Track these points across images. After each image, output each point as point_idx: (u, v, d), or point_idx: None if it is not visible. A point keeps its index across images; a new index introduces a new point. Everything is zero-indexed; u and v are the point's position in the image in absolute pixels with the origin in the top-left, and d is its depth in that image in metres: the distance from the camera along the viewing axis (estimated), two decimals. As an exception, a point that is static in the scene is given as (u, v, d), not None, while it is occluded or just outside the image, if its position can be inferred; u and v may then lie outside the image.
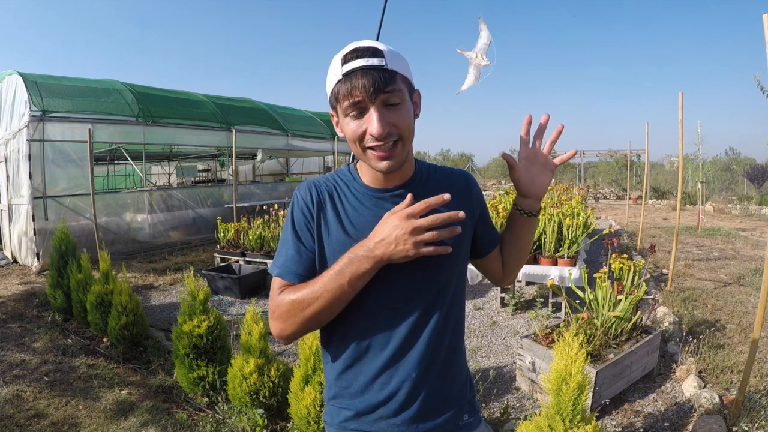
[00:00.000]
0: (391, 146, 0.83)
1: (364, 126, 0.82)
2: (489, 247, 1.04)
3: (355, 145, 0.85)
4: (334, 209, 0.92)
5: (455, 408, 0.96)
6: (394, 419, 0.91)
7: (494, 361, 3.24)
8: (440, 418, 0.93)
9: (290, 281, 0.90)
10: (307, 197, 0.93)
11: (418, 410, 0.91)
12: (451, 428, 0.95)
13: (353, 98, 0.80)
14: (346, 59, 0.81)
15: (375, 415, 0.92)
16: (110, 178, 13.54)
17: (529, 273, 4.08)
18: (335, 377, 0.96)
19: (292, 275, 0.90)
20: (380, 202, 0.92)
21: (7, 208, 7.12)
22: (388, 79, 0.80)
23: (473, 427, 0.98)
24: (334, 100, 0.85)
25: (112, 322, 3.36)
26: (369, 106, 0.81)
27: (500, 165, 33.30)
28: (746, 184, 19.07)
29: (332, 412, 0.97)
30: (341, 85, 0.81)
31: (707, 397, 2.48)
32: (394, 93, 0.81)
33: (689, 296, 4.51)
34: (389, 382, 0.90)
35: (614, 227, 9.43)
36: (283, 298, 0.88)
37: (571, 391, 1.32)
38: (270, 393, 2.29)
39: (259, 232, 5.69)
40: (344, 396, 0.94)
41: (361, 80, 0.79)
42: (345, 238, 0.89)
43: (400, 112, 0.83)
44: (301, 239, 0.92)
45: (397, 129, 0.82)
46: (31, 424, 2.47)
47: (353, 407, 0.93)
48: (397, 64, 0.83)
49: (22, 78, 6.41)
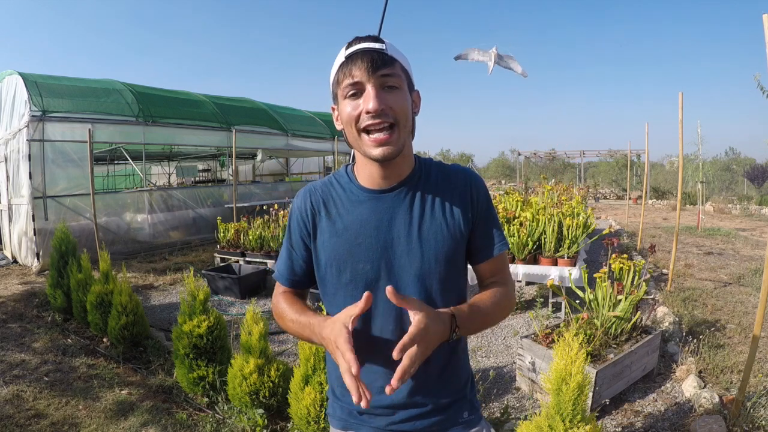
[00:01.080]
0: (387, 129, 0.83)
1: (360, 106, 0.82)
2: (481, 254, 0.97)
3: (351, 128, 0.85)
4: (328, 215, 0.94)
5: (455, 405, 0.97)
6: (394, 416, 0.94)
7: (494, 361, 3.24)
8: (440, 415, 0.95)
9: (283, 284, 1.02)
10: (302, 206, 0.97)
11: (417, 409, 0.93)
12: (451, 425, 0.96)
13: (352, 77, 0.82)
14: (349, 45, 0.85)
15: (376, 412, 0.95)
16: (110, 178, 13.54)
17: (529, 273, 4.08)
18: (338, 377, 0.97)
19: (284, 279, 1.02)
20: (378, 204, 0.91)
21: (7, 208, 7.12)
22: (387, 60, 0.83)
23: (473, 425, 0.99)
24: (336, 86, 0.86)
25: (112, 322, 3.36)
26: (366, 85, 0.82)
27: (500, 165, 33.35)
28: (746, 184, 19.07)
29: (336, 407, 1.01)
30: (342, 68, 0.84)
31: (707, 397, 2.48)
32: (393, 76, 0.83)
33: (689, 296, 4.51)
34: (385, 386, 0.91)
35: (614, 227, 9.43)
36: (277, 305, 1.01)
37: (571, 391, 1.32)
38: (270, 393, 2.29)
39: (259, 232, 5.69)
40: (347, 395, 0.95)
41: (360, 59, 0.82)
42: (338, 244, 0.91)
43: (396, 96, 0.83)
44: (294, 247, 0.99)
45: (393, 112, 0.82)
46: (31, 424, 2.47)
47: (355, 406, 0.93)
48: (397, 54, 0.86)
49: (22, 78, 6.41)
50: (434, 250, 0.90)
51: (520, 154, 24.26)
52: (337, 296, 0.94)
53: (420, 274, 0.89)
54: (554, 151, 24.96)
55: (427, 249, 0.89)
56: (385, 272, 0.90)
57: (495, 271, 0.99)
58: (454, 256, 0.92)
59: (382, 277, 0.90)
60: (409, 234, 0.89)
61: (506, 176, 30.41)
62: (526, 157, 24.64)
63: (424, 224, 0.90)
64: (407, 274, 0.90)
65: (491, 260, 0.97)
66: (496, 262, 0.99)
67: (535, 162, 26.41)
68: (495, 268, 0.99)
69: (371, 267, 0.90)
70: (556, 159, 26.17)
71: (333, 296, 0.95)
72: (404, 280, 0.90)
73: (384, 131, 0.82)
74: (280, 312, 0.99)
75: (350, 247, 0.90)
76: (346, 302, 0.91)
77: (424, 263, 0.89)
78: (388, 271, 0.90)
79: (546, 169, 25.68)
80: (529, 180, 18.25)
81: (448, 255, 0.91)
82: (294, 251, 0.99)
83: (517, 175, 24.94)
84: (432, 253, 0.89)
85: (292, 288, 1.02)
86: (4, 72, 7.03)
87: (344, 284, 0.92)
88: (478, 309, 0.91)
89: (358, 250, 0.90)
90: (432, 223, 0.90)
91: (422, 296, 0.89)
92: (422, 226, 0.90)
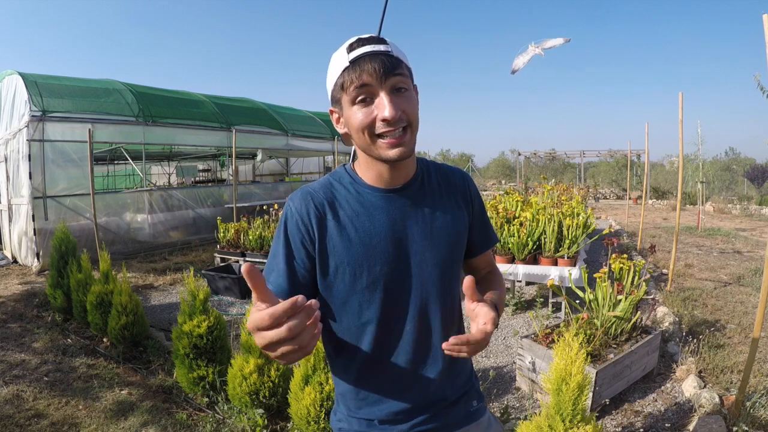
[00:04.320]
0: (401, 133, 0.81)
1: (374, 113, 0.80)
2: (480, 248, 1.05)
3: (362, 134, 0.82)
4: (336, 219, 0.87)
5: (465, 397, 1.00)
6: (416, 419, 0.93)
7: (494, 361, 3.24)
8: (455, 408, 0.97)
9: (282, 299, 0.86)
10: (303, 211, 0.87)
11: (436, 406, 0.94)
12: (463, 417, 0.98)
13: (362, 82, 0.79)
14: (351, 48, 0.80)
15: (397, 419, 0.93)
16: (110, 178, 13.54)
17: (529, 273, 4.08)
18: (351, 389, 0.94)
19: (284, 293, 0.85)
20: (390, 203, 0.90)
21: (7, 208, 7.12)
22: (396, 64, 0.81)
23: (481, 414, 1.02)
24: (340, 90, 0.82)
25: (112, 322, 3.36)
26: (378, 91, 0.80)
27: (500, 165, 33.31)
28: (746, 184, 19.08)
29: (352, 422, 0.95)
30: (348, 72, 0.80)
31: (707, 397, 2.48)
32: (403, 78, 0.82)
33: (689, 296, 4.51)
34: (406, 386, 0.92)
35: (614, 227, 9.43)
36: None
37: (571, 391, 1.32)
38: (270, 393, 2.29)
39: (259, 232, 5.69)
40: (363, 407, 0.93)
41: (370, 64, 0.78)
42: (352, 247, 0.86)
43: (408, 99, 0.82)
44: (295, 256, 0.87)
45: (407, 115, 0.81)
46: (31, 424, 2.47)
47: (375, 415, 0.93)
48: (400, 53, 0.84)
49: (22, 78, 6.41)
50: (447, 245, 0.92)
51: (520, 154, 24.26)
52: (350, 302, 0.88)
53: (439, 269, 0.90)
54: (554, 151, 24.96)
55: (442, 243, 0.91)
56: (404, 271, 0.88)
57: (488, 260, 1.10)
58: (460, 249, 0.97)
59: (402, 277, 0.88)
60: (424, 230, 0.90)
61: (506, 176, 30.38)
62: (526, 157, 24.63)
63: (436, 220, 0.92)
64: (426, 270, 0.89)
65: (487, 252, 1.08)
66: (489, 253, 1.10)
67: (535, 162, 26.41)
68: (488, 258, 1.10)
69: (389, 268, 0.87)
70: (556, 159, 26.17)
71: (343, 304, 0.88)
72: (424, 277, 0.89)
73: (399, 134, 0.81)
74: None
75: (366, 250, 0.86)
76: (362, 308, 0.87)
77: (442, 257, 0.91)
78: (408, 270, 0.89)
79: (546, 169, 25.68)
80: (529, 180, 18.22)
81: (458, 248, 0.96)
82: (295, 260, 0.87)
83: (517, 175, 24.92)
84: (446, 247, 0.92)
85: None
86: (4, 72, 7.03)
87: (360, 289, 0.87)
88: (499, 294, 0.98)
89: (374, 252, 0.86)
90: (443, 218, 0.92)
91: (441, 289, 0.91)
92: (435, 222, 0.91)
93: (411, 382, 0.91)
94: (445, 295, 0.92)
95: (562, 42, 4.29)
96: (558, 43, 4.29)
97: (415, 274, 0.89)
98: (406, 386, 0.91)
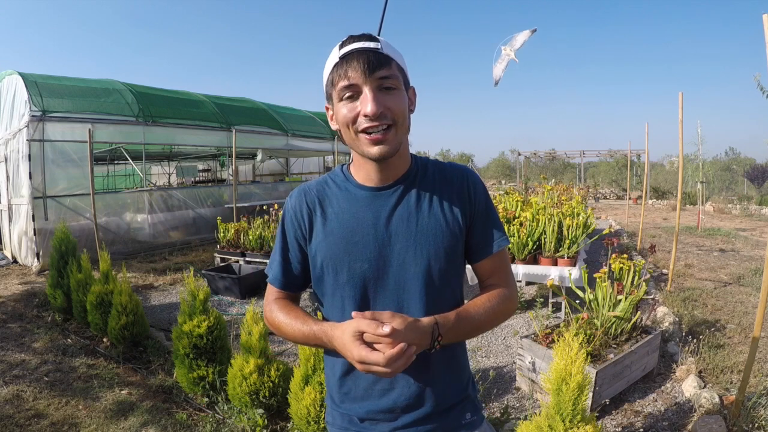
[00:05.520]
0: (385, 130, 0.82)
1: (357, 108, 0.81)
2: (477, 253, 0.95)
3: (347, 129, 0.84)
4: (323, 215, 0.92)
5: (457, 407, 0.96)
6: (396, 422, 0.92)
7: (494, 361, 3.24)
8: (443, 417, 0.93)
9: (277, 288, 0.99)
10: (297, 206, 0.94)
11: (419, 412, 0.91)
12: (454, 427, 0.95)
13: (348, 79, 0.80)
14: (343, 45, 0.83)
15: (378, 418, 0.92)
16: (110, 178, 13.54)
17: (529, 273, 4.08)
18: (336, 383, 0.95)
19: (279, 283, 0.99)
20: (375, 201, 0.90)
21: (7, 208, 7.12)
22: (383, 61, 0.81)
23: (476, 426, 0.98)
24: (330, 86, 0.84)
25: (112, 322, 3.36)
26: (363, 87, 0.80)
27: (500, 165, 33.32)
28: (746, 184, 19.08)
29: (335, 415, 0.97)
30: (337, 68, 0.82)
31: (707, 397, 2.48)
32: (390, 77, 0.81)
33: (689, 296, 4.51)
34: (390, 386, 0.91)
35: (614, 227, 9.43)
36: (272, 316, 0.97)
37: (571, 391, 1.32)
38: (270, 393, 2.29)
39: (259, 232, 5.69)
40: (345, 401, 0.94)
41: (356, 60, 0.80)
42: (335, 243, 0.89)
43: (394, 97, 0.82)
44: (289, 249, 0.96)
45: (391, 113, 0.82)
46: (31, 424, 2.47)
47: (355, 412, 0.93)
48: (392, 53, 0.84)
49: (22, 78, 6.41)
50: (434, 246, 0.89)
51: (520, 154, 24.25)
52: (335, 297, 0.91)
53: (422, 270, 0.88)
54: (554, 151, 24.95)
55: (428, 244, 0.88)
56: (384, 270, 0.88)
57: (494, 270, 0.97)
58: (453, 252, 0.91)
59: (381, 275, 0.88)
60: (408, 230, 0.88)
61: (506, 176, 30.38)
62: (526, 157, 24.62)
63: (422, 220, 0.89)
64: (408, 270, 0.88)
65: (490, 258, 0.95)
66: (495, 261, 0.96)
67: (535, 162, 26.39)
68: (494, 267, 0.97)
69: (369, 266, 0.88)
70: (556, 159, 26.16)
71: (331, 297, 0.92)
72: (405, 277, 0.88)
73: (382, 131, 0.82)
74: (277, 324, 0.95)
75: (347, 246, 0.88)
76: (345, 303, 0.89)
77: (426, 259, 0.88)
78: (388, 269, 0.88)
79: (546, 169, 25.67)
80: (529, 180, 18.22)
81: (448, 250, 0.90)
82: (289, 252, 0.96)
83: (517, 175, 24.92)
84: (433, 248, 0.88)
85: (287, 291, 1.00)
86: (4, 72, 7.03)
87: (341, 284, 0.90)
88: (467, 316, 0.88)
89: (354, 249, 0.88)
90: (431, 218, 0.90)
91: (423, 292, 0.88)
92: (421, 222, 0.89)
93: (393, 384, 0.90)
94: (431, 295, 0.89)
95: (529, 34, 4.33)
96: (526, 37, 4.33)
97: (395, 272, 0.88)
98: (388, 387, 0.90)
